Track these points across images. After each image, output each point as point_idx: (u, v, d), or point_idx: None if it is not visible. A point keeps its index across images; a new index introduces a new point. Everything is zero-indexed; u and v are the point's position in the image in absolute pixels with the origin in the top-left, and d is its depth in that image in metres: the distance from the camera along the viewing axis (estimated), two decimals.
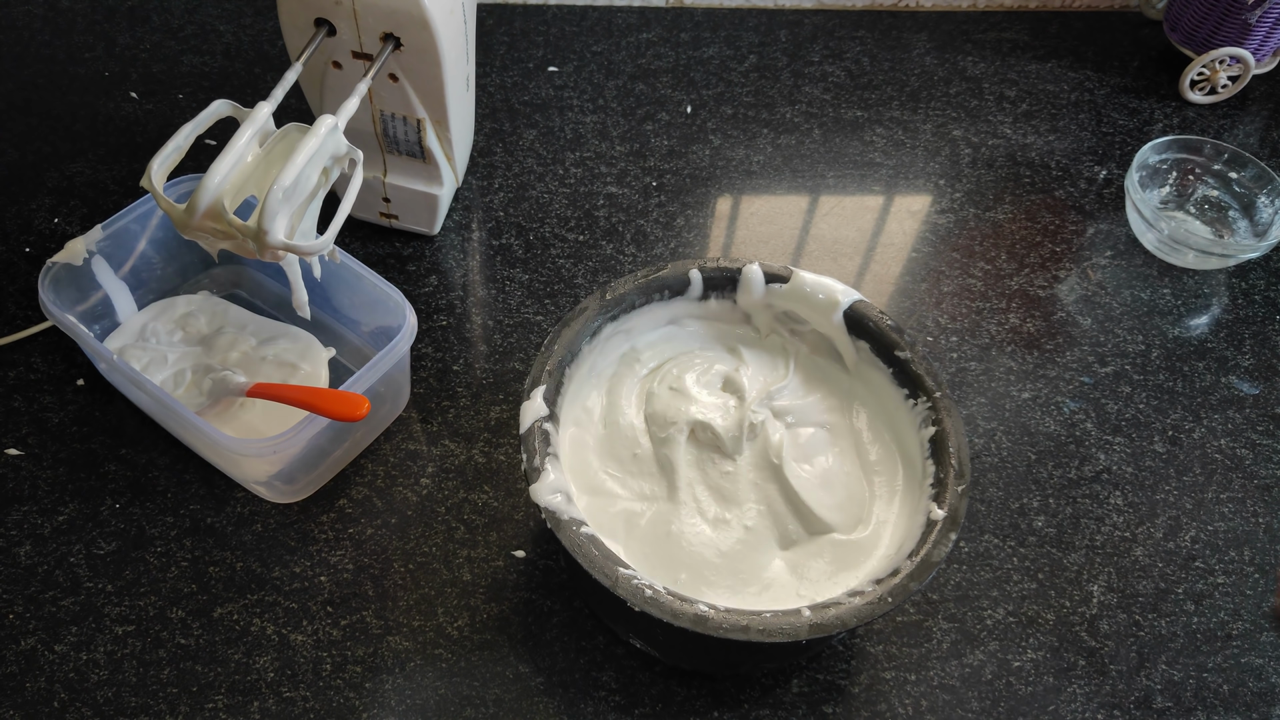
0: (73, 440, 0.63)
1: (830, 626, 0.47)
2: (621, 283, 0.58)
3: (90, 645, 0.55)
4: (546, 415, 0.53)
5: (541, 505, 0.49)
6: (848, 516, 0.55)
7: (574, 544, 0.48)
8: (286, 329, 0.68)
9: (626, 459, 0.57)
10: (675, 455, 0.56)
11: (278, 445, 0.55)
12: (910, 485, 0.56)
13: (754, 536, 0.55)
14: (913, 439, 0.56)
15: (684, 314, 0.61)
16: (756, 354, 0.61)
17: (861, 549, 0.54)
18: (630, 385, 0.59)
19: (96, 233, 0.62)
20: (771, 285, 0.59)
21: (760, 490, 0.56)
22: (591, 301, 0.57)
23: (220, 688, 0.54)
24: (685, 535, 0.54)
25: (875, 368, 0.58)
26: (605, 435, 0.57)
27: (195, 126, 0.54)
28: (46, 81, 0.85)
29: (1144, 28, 1.02)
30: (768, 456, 0.56)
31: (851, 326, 0.59)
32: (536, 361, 0.54)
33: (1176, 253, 0.78)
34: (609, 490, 0.56)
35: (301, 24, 0.61)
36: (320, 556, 0.59)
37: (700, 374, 0.59)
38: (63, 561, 0.58)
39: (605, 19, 0.96)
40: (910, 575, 0.49)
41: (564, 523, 0.49)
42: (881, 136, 0.88)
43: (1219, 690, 0.58)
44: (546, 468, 0.51)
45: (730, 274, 0.59)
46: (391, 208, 0.74)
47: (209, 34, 0.90)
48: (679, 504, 0.55)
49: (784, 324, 0.61)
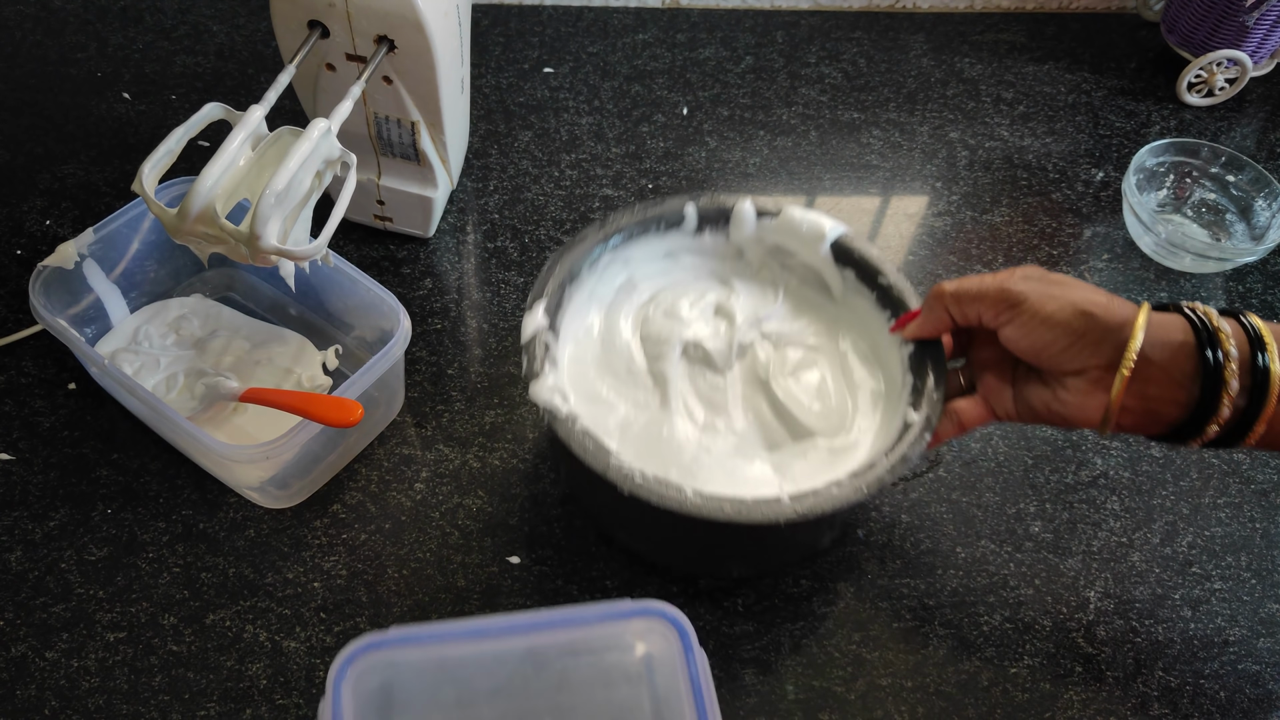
0: (64, 445, 0.63)
1: (809, 513, 0.49)
2: (620, 214, 0.60)
3: (81, 652, 0.55)
4: (547, 327, 0.55)
5: (540, 403, 0.52)
6: (830, 424, 0.58)
7: (568, 435, 0.51)
8: (280, 332, 0.67)
9: (622, 373, 0.60)
10: (668, 370, 0.59)
11: (270, 450, 0.54)
12: (890, 397, 0.59)
13: (741, 440, 0.58)
14: (894, 357, 0.59)
15: (680, 247, 0.64)
16: (748, 284, 0.64)
17: (843, 452, 0.57)
18: (627, 310, 0.62)
19: (88, 235, 0.62)
20: (763, 220, 0.62)
21: (748, 401, 0.59)
22: (591, 230, 0.60)
23: (213, 695, 0.54)
24: (676, 438, 0.57)
25: (860, 294, 0.61)
26: (602, 353, 0.61)
27: (187, 130, 0.54)
28: (38, 82, 0.84)
29: (1141, 29, 1.01)
30: (756, 372, 0.60)
31: (838, 257, 0.61)
32: (538, 280, 0.57)
33: (1174, 256, 0.78)
34: (605, 399, 0.59)
35: (294, 26, 0.60)
36: (313, 562, 0.59)
37: (694, 301, 0.62)
38: (54, 567, 0.58)
39: (601, 20, 0.96)
40: (887, 470, 0.51)
41: (560, 419, 0.52)
42: (878, 138, 0.88)
43: (1216, 697, 0.57)
44: (546, 370, 0.54)
45: (724, 209, 0.62)
46: (386, 210, 0.73)
47: (202, 34, 0.90)
48: (671, 411, 0.58)
49: (775, 258, 0.64)
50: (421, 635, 0.46)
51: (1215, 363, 0.46)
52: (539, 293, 0.56)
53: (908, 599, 0.60)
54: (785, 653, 0.57)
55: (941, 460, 0.66)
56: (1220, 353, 0.46)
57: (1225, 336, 0.46)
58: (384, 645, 0.45)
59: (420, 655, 0.46)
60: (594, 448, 0.51)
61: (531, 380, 0.53)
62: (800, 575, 0.60)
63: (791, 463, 0.57)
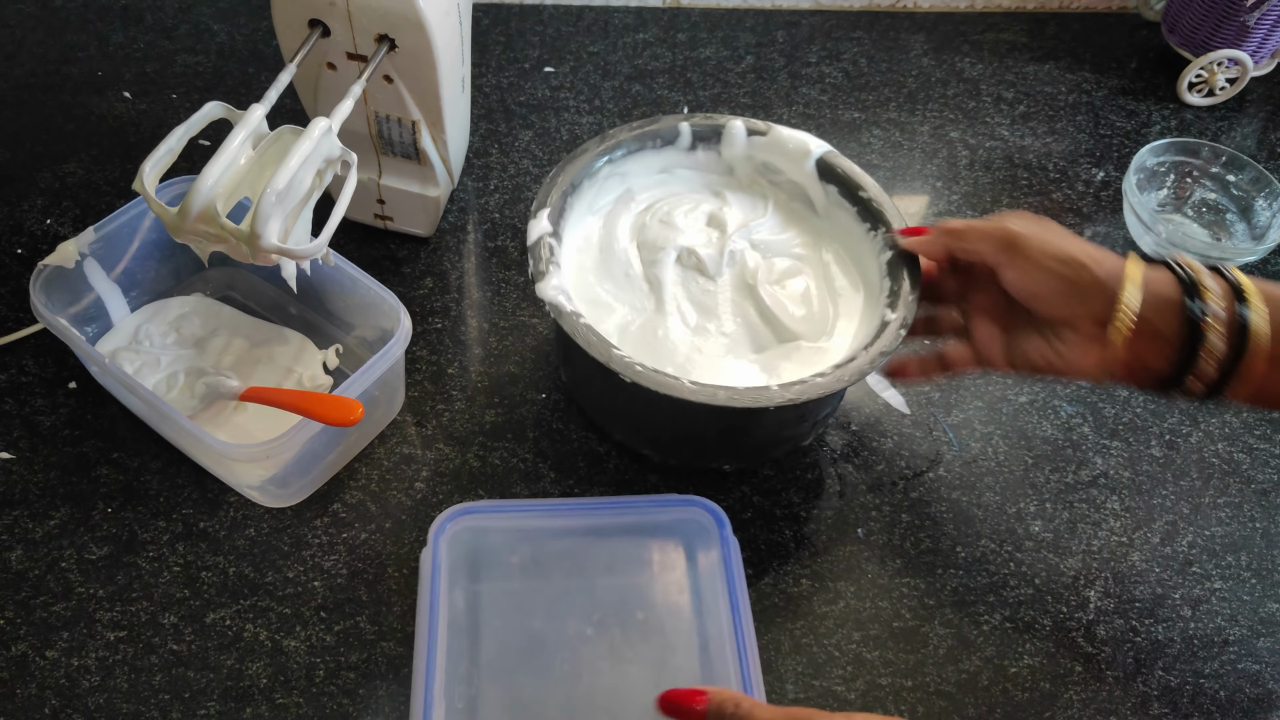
0: (64, 444, 0.63)
1: (796, 398, 0.53)
2: (617, 130, 0.65)
3: (82, 651, 0.55)
4: (551, 232, 0.59)
5: (546, 300, 0.56)
6: (813, 328, 0.62)
7: (574, 329, 0.55)
8: (281, 331, 0.67)
9: (620, 277, 0.63)
10: (663, 275, 0.63)
11: (271, 449, 0.54)
12: (870, 301, 0.63)
13: (731, 341, 0.62)
14: (873, 264, 0.63)
15: (674, 163, 0.68)
16: (738, 197, 0.68)
17: (826, 353, 0.62)
18: (625, 219, 0.66)
19: (89, 234, 0.62)
20: (753, 138, 0.66)
21: (737, 306, 0.63)
22: (591, 144, 0.64)
23: (213, 694, 0.54)
24: (671, 339, 0.61)
25: (842, 208, 0.65)
26: (600, 258, 0.64)
27: (188, 129, 0.54)
28: (39, 81, 0.84)
29: (1142, 29, 1.01)
30: (745, 279, 0.64)
31: (822, 173, 0.66)
32: (542, 188, 0.61)
33: None
34: (604, 302, 0.63)
35: (295, 25, 0.60)
36: (314, 561, 0.59)
37: (688, 211, 0.66)
38: (54, 566, 0.58)
39: (602, 19, 0.96)
40: (866, 363, 0.55)
41: (565, 314, 0.55)
42: (879, 138, 0.88)
43: (1216, 696, 0.57)
44: (550, 272, 0.57)
45: (715, 128, 0.66)
46: (386, 210, 0.73)
47: (203, 33, 0.90)
48: (665, 314, 0.62)
49: (763, 174, 0.68)
50: (505, 506, 0.57)
51: (1197, 316, 0.47)
52: (543, 200, 0.60)
53: (908, 598, 0.60)
54: (785, 652, 0.57)
55: (941, 460, 0.66)
56: (1202, 305, 0.47)
57: (1208, 291, 0.47)
58: (475, 511, 0.55)
59: (502, 522, 0.56)
60: (597, 340, 0.55)
61: (538, 280, 0.56)
62: (801, 575, 0.60)
63: (778, 363, 0.61)
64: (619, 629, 0.53)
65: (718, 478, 0.64)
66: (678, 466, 0.65)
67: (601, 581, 0.55)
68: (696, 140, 0.66)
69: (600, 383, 0.60)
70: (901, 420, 0.68)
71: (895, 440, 0.67)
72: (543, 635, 0.53)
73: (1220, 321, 0.47)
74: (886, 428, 0.68)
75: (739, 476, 0.65)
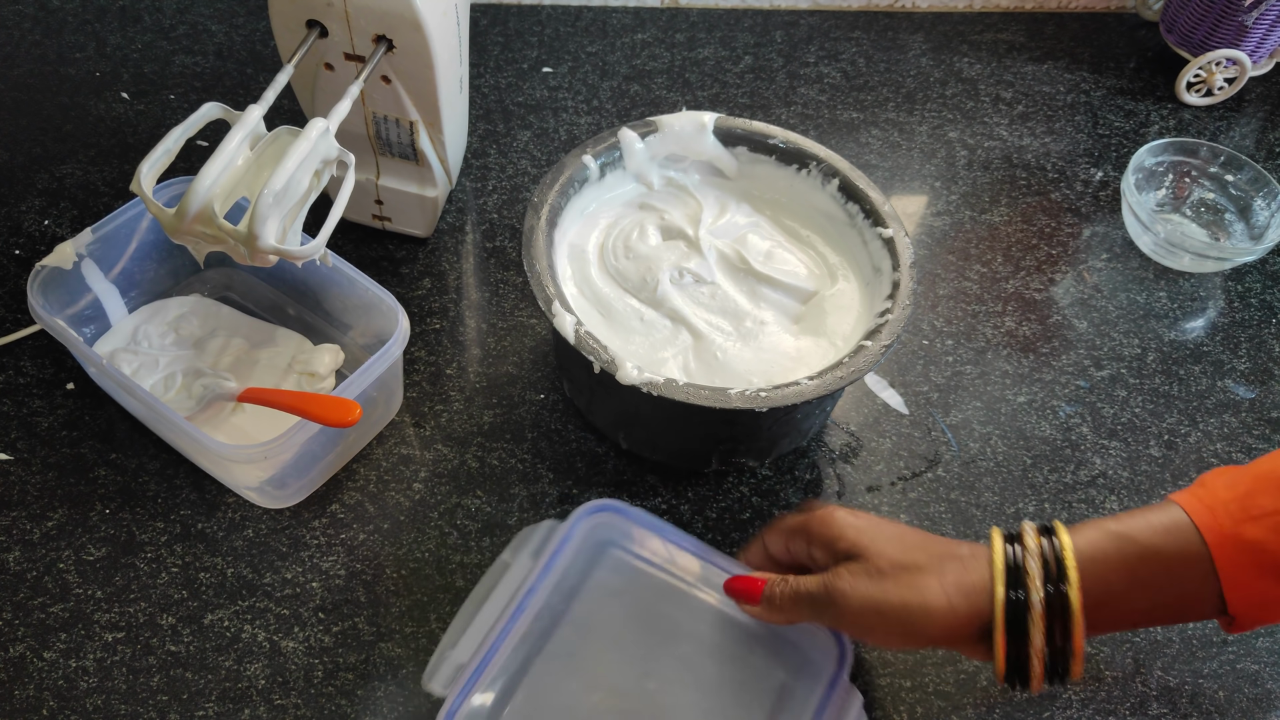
0: (62, 445, 0.63)
1: (777, 401, 0.54)
2: (540, 191, 0.63)
3: (79, 652, 0.55)
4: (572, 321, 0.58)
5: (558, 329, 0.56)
6: (818, 277, 0.66)
7: (563, 328, 0.56)
8: (279, 332, 0.67)
9: (638, 328, 0.63)
10: (675, 304, 0.63)
11: (269, 450, 0.54)
12: (840, 231, 0.67)
13: (773, 328, 0.63)
14: (822, 197, 0.66)
15: (594, 199, 0.68)
16: (666, 201, 0.69)
17: (845, 293, 0.65)
18: (596, 276, 0.65)
19: (86, 235, 0.62)
20: (647, 139, 0.67)
21: (750, 295, 0.65)
22: (531, 218, 0.62)
23: (211, 695, 0.54)
24: (729, 355, 0.61)
25: (759, 163, 0.68)
26: (606, 322, 0.63)
27: (185, 130, 0.54)
28: (37, 82, 0.84)
29: (1140, 29, 1.01)
30: (736, 266, 0.65)
31: (724, 139, 0.68)
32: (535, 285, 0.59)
33: (1173, 256, 0.78)
34: (642, 357, 0.61)
35: (293, 25, 0.60)
36: (312, 562, 0.59)
37: (638, 237, 0.66)
38: (52, 568, 0.58)
39: (600, 20, 0.96)
40: (857, 361, 0.56)
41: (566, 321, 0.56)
42: (877, 138, 0.88)
43: (1214, 696, 0.57)
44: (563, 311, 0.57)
45: (611, 145, 0.66)
46: (384, 210, 0.73)
47: (201, 34, 0.90)
48: (705, 337, 0.62)
49: (671, 168, 0.70)
50: (652, 521, 0.55)
51: (1019, 652, 0.44)
52: (545, 293, 0.58)
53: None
54: None
55: (940, 460, 0.66)
56: (1024, 636, 0.44)
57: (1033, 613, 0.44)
58: (620, 512, 0.54)
59: (639, 532, 0.55)
60: (596, 346, 0.56)
61: (550, 315, 0.57)
62: None
63: (821, 321, 0.63)
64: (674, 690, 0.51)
65: (715, 478, 0.64)
66: (677, 468, 0.65)
67: (686, 649, 0.53)
68: (603, 168, 0.66)
69: (604, 393, 0.60)
70: (900, 420, 0.68)
71: (894, 440, 0.67)
72: (600, 668, 0.52)
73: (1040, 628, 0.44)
74: (885, 428, 0.68)
75: (738, 477, 0.65)
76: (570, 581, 0.53)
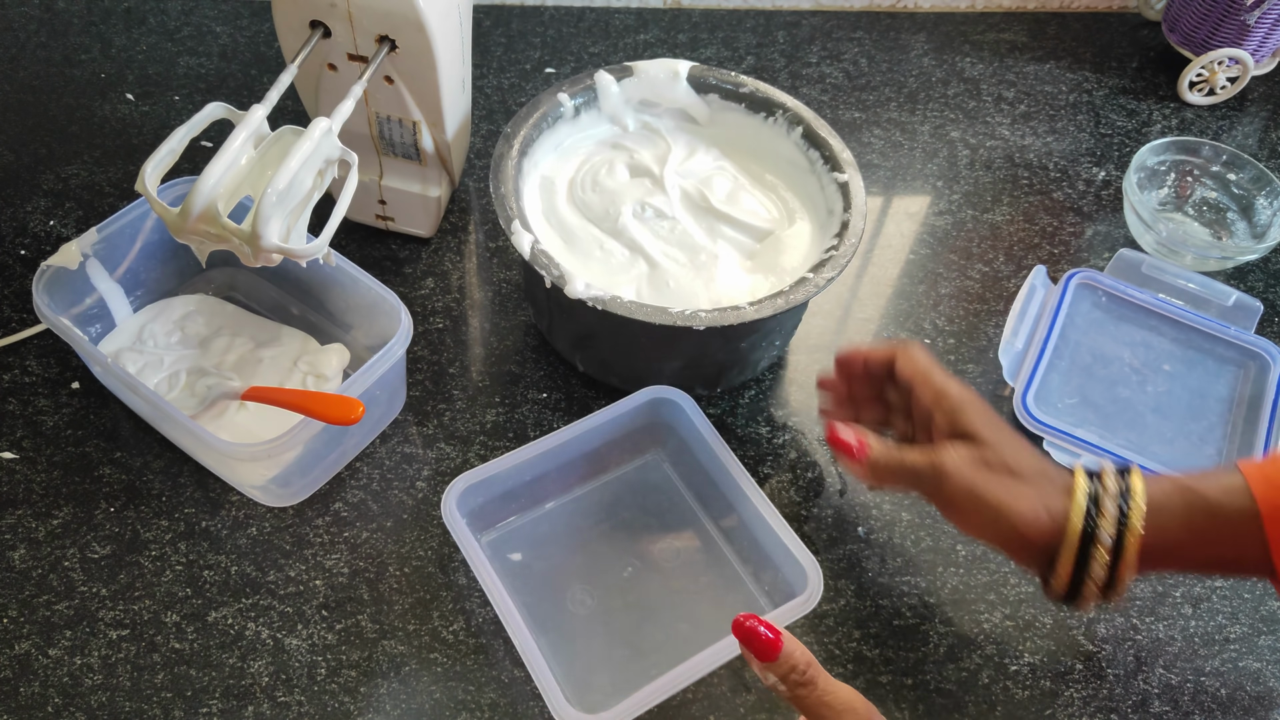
0: (67, 444, 0.63)
1: (714, 321, 0.57)
2: (515, 124, 0.66)
3: (84, 650, 0.55)
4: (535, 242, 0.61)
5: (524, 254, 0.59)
6: (777, 220, 0.68)
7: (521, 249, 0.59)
8: (283, 330, 0.68)
9: (597, 256, 0.65)
10: (634, 234, 0.66)
11: (273, 448, 0.55)
12: (805, 175, 0.69)
13: (726, 263, 0.65)
14: (786, 143, 0.69)
15: (568, 135, 0.70)
16: (638, 142, 0.72)
17: (801, 235, 0.67)
18: (562, 206, 0.68)
19: (92, 235, 0.62)
20: (623, 83, 0.70)
21: (709, 231, 0.67)
22: (503, 146, 0.64)
23: (215, 692, 0.54)
24: (682, 283, 0.64)
25: (730, 110, 0.71)
26: (567, 247, 0.66)
27: (189, 130, 0.54)
28: (42, 83, 0.85)
29: (1142, 28, 1.01)
30: (697, 204, 0.68)
31: (697, 87, 0.71)
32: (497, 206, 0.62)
33: (1175, 255, 0.78)
34: (599, 281, 0.63)
35: (296, 26, 0.61)
36: (315, 560, 0.59)
37: (607, 172, 0.69)
38: (57, 565, 0.58)
39: (603, 20, 0.96)
40: (796, 292, 0.59)
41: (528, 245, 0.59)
42: (879, 138, 0.88)
43: (1217, 694, 0.57)
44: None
45: (587, 84, 0.69)
46: (387, 210, 0.74)
47: (205, 36, 0.90)
48: (660, 266, 0.65)
49: (645, 112, 0.72)
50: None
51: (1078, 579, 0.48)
52: (508, 218, 0.61)
53: (908, 596, 0.60)
54: None
55: None
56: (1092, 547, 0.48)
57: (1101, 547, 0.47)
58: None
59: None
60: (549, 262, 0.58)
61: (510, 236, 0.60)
62: None
63: (774, 259, 0.66)
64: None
65: None
66: None
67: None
68: (578, 108, 0.69)
69: (560, 313, 0.63)
70: None
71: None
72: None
73: None
74: None
75: None
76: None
